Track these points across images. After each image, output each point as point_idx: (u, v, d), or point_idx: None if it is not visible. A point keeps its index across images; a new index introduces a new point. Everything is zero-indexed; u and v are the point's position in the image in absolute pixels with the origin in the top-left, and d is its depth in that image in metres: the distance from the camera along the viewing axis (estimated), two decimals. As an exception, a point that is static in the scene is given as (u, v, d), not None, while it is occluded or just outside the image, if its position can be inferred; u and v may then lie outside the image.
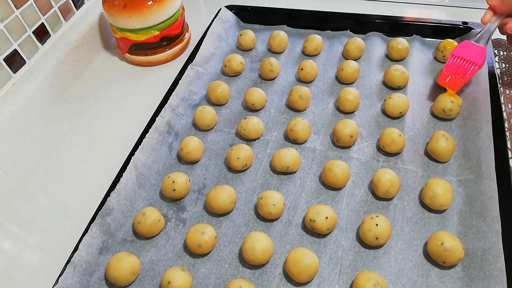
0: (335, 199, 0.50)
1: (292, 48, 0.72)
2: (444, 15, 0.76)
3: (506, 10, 0.54)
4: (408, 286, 0.42)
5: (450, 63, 0.56)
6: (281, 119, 0.60)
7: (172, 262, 0.46)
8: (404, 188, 0.50)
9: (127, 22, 0.67)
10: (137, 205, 0.51)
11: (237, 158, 0.52)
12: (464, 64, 0.55)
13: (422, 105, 0.59)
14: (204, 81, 0.67)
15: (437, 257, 0.42)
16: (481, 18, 0.56)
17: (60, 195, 0.55)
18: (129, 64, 0.75)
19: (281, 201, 0.47)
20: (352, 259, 0.44)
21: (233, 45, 0.74)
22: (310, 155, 0.55)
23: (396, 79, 0.60)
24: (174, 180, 0.50)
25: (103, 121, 0.65)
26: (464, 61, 0.55)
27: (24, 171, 0.59)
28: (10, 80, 0.63)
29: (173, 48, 0.73)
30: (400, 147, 0.52)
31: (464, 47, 0.56)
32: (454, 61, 0.55)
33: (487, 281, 0.40)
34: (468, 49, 0.56)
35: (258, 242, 0.43)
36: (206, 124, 0.59)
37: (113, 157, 0.59)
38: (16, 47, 0.63)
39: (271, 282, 0.43)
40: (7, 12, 0.61)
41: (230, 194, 0.48)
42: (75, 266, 0.44)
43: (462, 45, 0.56)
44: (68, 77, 0.71)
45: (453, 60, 0.56)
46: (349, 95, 0.57)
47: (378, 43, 0.69)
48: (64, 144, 0.62)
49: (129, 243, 0.48)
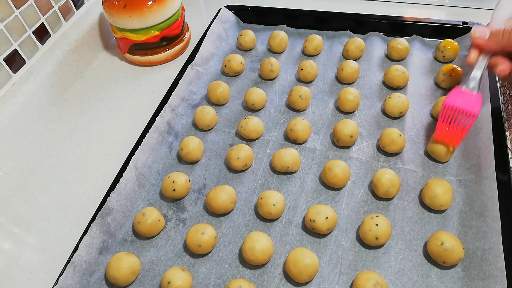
0: (335, 199, 0.50)
1: (292, 48, 0.72)
2: (444, 15, 0.76)
3: (494, 48, 0.48)
4: (408, 286, 0.42)
5: (444, 115, 0.50)
6: (281, 119, 0.60)
7: (172, 262, 0.46)
8: (404, 188, 0.50)
9: (127, 22, 0.67)
10: (137, 205, 0.51)
11: (237, 158, 0.52)
12: (459, 115, 0.49)
13: (422, 105, 0.59)
14: (204, 81, 0.67)
15: (437, 257, 0.42)
16: (467, 59, 0.51)
17: (60, 195, 0.55)
18: (129, 64, 0.75)
19: (281, 201, 0.47)
20: (352, 259, 0.44)
21: (233, 45, 0.74)
22: (310, 155, 0.55)
23: (396, 79, 0.60)
24: (174, 180, 0.50)
25: (103, 121, 0.65)
26: (459, 112, 0.49)
27: (24, 171, 0.59)
28: (10, 80, 0.63)
29: (173, 48, 0.73)
30: (400, 147, 0.52)
31: (456, 95, 0.50)
32: (448, 113, 0.49)
33: (487, 281, 0.40)
34: (461, 97, 0.49)
35: (258, 242, 0.43)
36: (206, 124, 0.59)
37: (113, 157, 0.59)
38: (16, 47, 0.63)
39: (271, 282, 0.43)
40: (7, 12, 0.61)
41: (230, 194, 0.48)
42: (75, 266, 0.44)
43: (453, 93, 0.50)
44: (68, 77, 0.71)
45: (446, 111, 0.49)
46: (349, 95, 0.57)
47: (378, 43, 0.69)
48: (64, 144, 0.62)
49: (129, 243, 0.48)
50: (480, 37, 0.49)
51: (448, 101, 0.50)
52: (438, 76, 0.61)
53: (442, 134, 0.50)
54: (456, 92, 0.50)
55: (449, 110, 0.49)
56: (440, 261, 0.42)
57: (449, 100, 0.50)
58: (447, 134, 0.49)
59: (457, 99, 0.49)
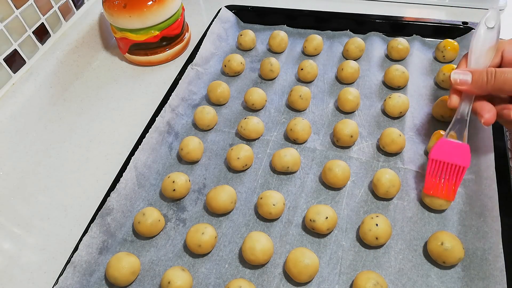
0: (335, 199, 0.50)
1: (292, 48, 0.72)
2: (444, 15, 0.76)
3: (479, 92, 0.45)
4: (408, 286, 0.42)
5: (433, 170, 0.46)
6: (281, 119, 0.60)
7: (172, 262, 0.46)
8: (404, 188, 0.50)
9: (127, 22, 0.67)
10: (137, 205, 0.51)
11: (237, 158, 0.52)
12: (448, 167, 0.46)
13: (422, 105, 0.59)
14: (204, 81, 0.67)
15: (437, 257, 0.42)
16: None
17: (60, 195, 0.55)
18: (129, 64, 0.75)
19: (281, 201, 0.47)
20: (352, 259, 0.44)
21: (233, 45, 0.74)
22: (310, 155, 0.55)
23: (396, 79, 0.60)
24: (174, 180, 0.50)
25: (103, 121, 0.65)
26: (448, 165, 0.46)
27: (24, 171, 0.59)
28: (10, 80, 0.63)
29: (173, 48, 0.73)
30: (400, 147, 0.52)
31: (442, 147, 0.46)
32: (436, 166, 0.46)
33: (487, 281, 0.40)
34: (447, 149, 0.46)
35: (258, 242, 0.43)
36: (206, 124, 0.59)
37: (113, 157, 0.59)
38: (16, 47, 0.63)
39: (271, 282, 0.43)
40: (7, 12, 0.61)
41: (230, 194, 0.48)
42: (75, 266, 0.44)
43: (439, 146, 0.46)
44: (68, 77, 0.71)
45: (434, 166, 0.46)
46: (349, 95, 0.57)
47: (378, 43, 0.69)
48: (64, 144, 0.62)
49: (129, 243, 0.48)
50: (462, 83, 0.45)
51: (435, 155, 0.46)
52: (438, 76, 0.61)
53: (433, 189, 0.46)
54: (442, 144, 0.47)
55: (437, 164, 0.46)
56: (440, 261, 0.42)
57: (435, 153, 0.46)
58: (438, 188, 0.46)
59: (444, 151, 0.46)
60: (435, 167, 0.46)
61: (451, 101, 0.46)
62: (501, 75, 0.42)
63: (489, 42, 0.46)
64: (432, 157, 0.46)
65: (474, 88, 0.44)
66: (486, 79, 0.43)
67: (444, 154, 0.46)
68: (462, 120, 0.46)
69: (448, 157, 0.46)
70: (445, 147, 0.46)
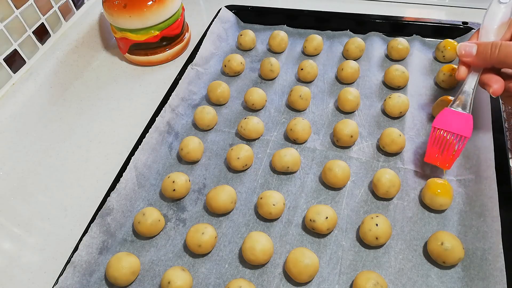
0: (335, 199, 0.50)
1: (292, 48, 0.72)
2: (444, 15, 0.76)
3: (483, 64, 0.45)
4: (408, 286, 0.42)
5: (434, 137, 0.47)
6: (281, 119, 0.60)
7: (172, 262, 0.46)
8: (404, 188, 0.50)
9: (127, 22, 0.67)
10: (137, 205, 0.51)
11: (237, 158, 0.52)
12: (450, 137, 0.47)
13: (422, 105, 0.59)
14: (204, 81, 0.67)
15: (437, 257, 0.42)
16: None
17: (60, 195, 0.55)
18: (129, 64, 0.75)
19: (281, 201, 0.47)
20: (352, 259, 0.44)
21: (233, 45, 0.74)
22: (310, 155, 0.55)
23: (396, 79, 0.60)
24: (174, 180, 0.50)
25: (103, 121, 0.65)
26: (450, 134, 0.47)
27: (24, 171, 0.59)
28: (10, 80, 0.63)
29: (173, 48, 0.73)
30: (400, 147, 0.52)
31: (446, 116, 0.47)
32: (438, 135, 0.47)
33: (487, 281, 0.40)
34: (451, 118, 0.47)
35: (258, 242, 0.43)
36: (206, 124, 0.59)
37: (113, 157, 0.59)
38: (16, 47, 0.63)
39: (271, 282, 0.43)
40: (7, 12, 0.61)
41: (230, 194, 0.48)
42: (75, 266, 0.44)
43: (443, 114, 0.47)
44: (68, 77, 0.71)
45: (436, 133, 0.47)
46: (349, 95, 0.58)
47: (378, 43, 0.69)
48: (64, 144, 0.62)
49: (129, 243, 0.48)
50: (467, 54, 0.46)
51: (438, 123, 0.47)
52: (438, 76, 0.61)
53: (432, 157, 0.47)
54: (446, 113, 0.47)
55: (439, 132, 0.47)
56: (440, 261, 0.42)
57: (438, 121, 0.47)
58: (438, 156, 0.47)
59: (447, 120, 0.47)
60: (437, 136, 0.47)
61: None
62: (505, 48, 0.42)
63: (501, 18, 0.46)
64: (435, 125, 0.47)
65: (478, 60, 0.45)
66: (490, 51, 0.43)
67: (446, 123, 0.47)
68: (469, 92, 0.47)
69: (450, 126, 0.46)
70: (449, 117, 0.47)
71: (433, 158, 0.47)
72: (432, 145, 0.47)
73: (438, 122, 0.47)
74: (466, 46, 0.46)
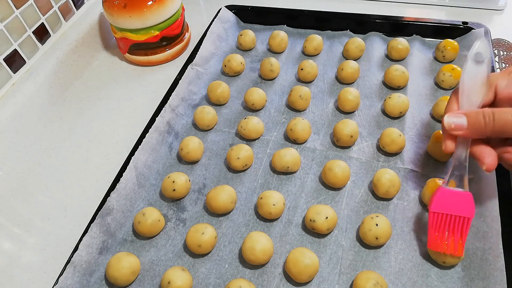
0: (335, 199, 0.50)
1: (292, 48, 0.72)
2: (444, 15, 0.76)
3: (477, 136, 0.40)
4: (408, 286, 0.42)
5: (435, 223, 0.42)
6: (281, 119, 0.60)
7: (172, 262, 0.46)
8: (404, 188, 0.50)
9: (127, 22, 0.67)
10: (137, 205, 0.51)
11: (237, 158, 0.52)
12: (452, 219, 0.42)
13: (422, 105, 0.59)
14: (204, 81, 0.67)
15: (437, 257, 0.42)
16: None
17: (60, 195, 0.55)
18: (129, 64, 0.75)
19: (281, 201, 0.47)
20: (352, 259, 0.44)
21: (233, 45, 0.74)
22: (310, 155, 0.55)
23: (396, 79, 0.60)
24: (174, 180, 0.50)
25: (103, 121, 0.65)
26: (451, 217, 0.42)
27: (24, 171, 0.59)
28: (10, 80, 0.63)
29: (173, 48, 0.73)
30: (400, 147, 0.52)
31: (443, 198, 0.42)
32: (438, 220, 0.42)
33: (487, 281, 0.40)
34: (448, 199, 0.42)
35: (258, 242, 0.43)
36: (206, 124, 0.59)
37: (113, 157, 0.59)
38: (16, 47, 0.63)
39: (271, 282, 0.43)
40: (7, 12, 0.61)
41: (230, 194, 0.48)
42: (75, 266, 0.44)
43: (439, 197, 0.42)
44: (68, 77, 0.71)
45: (436, 219, 0.42)
46: (349, 95, 0.58)
47: (378, 43, 0.69)
48: (64, 144, 0.62)
49: (129, 243, 0.48)
50: (457, 127, 0.40)
51: (435, 207, 0.42)
52: (438, 76, 0.61)
53: (437, 245, 0.42)
54: (442, 194, 0.42)
55: (439, 217, 0.42)
56: (440, 261, 0.42)
57: (436, 205, 0.42)
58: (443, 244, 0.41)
59: (445, 202, 0.42)
60: (437, 221, 0.42)
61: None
62: (500, 116, 0.38)
63: (480, 78, 0.41)
64: (433, 210, 0.42)
65: (471, 133, 0.39)
66: (484, 121, 0.38)
67: (445, 206, 0.42)
68: (461, 166, 0.42)
69: (450, 209, 0.41)
70: (446, 198, 0.42)
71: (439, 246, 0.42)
72: (434, 232, 0.42)
73: (436, 206, 0.42)
74: (454, 118, 0.40)
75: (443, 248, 0.41)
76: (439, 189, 0.43)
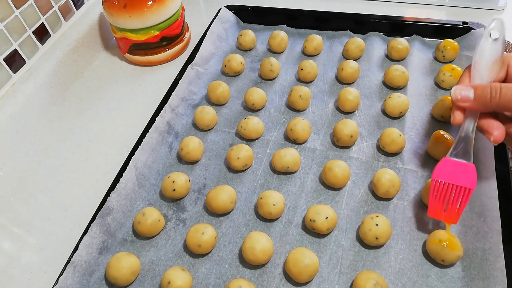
0: (335, 199, 0.50)
1: (292, 48, 0.72)
2: (444, 15, 0.76)
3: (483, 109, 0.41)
4: (408, 286, 0.42)
5: (436, 190, 0.43)
6: (281, 119, 0.60)
7: (172, 262, 0.46)
8: (404, 188, 0.50)
9: (127, 22, 0.67)
10: (137, 205, 0.51)
11: (237, 158, 0.52)
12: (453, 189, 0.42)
13: (422, 105, 0.59)
14: (204, 81, 0.67)
15: (436, 255, 0.42)
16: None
17: (60, 195, 0.55)
18: (129, 64, 0.75)
19: (281, 201, 0.47)
20: (352, 259, 0.44)
21: (233, 45, 0.74)
22: (310, 155, 0.55)
23: (396, 79, 0.60)
24: (174, 180, 0.50)
25: (103, 121, 0.65)
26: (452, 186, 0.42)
27: (24, 171, 0.59)
28: (10, 80, 0.63)
29: (173, 48, 0.73)
30: (400, 147, 0.52)
31: (446, 167, 0.43)
32: (440, 187, 0.43)
33: (487, 281, 0.40)
34: (452, 169, 0.43)
35: (258, 242, 0.43)
36: (206, 124, 0.59)
37: (113, 157, 0.59)
38: (16, 47, 0.63)
39: (271, 282, 0.43)
40: (7, 12, 0.61)
41: (230, 194, 0.48)
42: (75, 266, 0.44)
43: (442, 165, 0.43)
44: (68, 77, 0.71)
45: (437, 186, 0.43)
46: (349, 95, 0.58)
47: (378, 43, 0.69)
48: (64, 144, 0.62)
49: (129, 243, 0.48)
50: (463, 99, 0.41)
51: (438, 174, 0.43)
52: (438, 76, 0.61)
53: (436, 212, 0.43)
54: (445, 163, 0.43)
55: (440, 185, 0.43)
56: (439, 259, 0.42)
57: (438, 174, 0.43)
58: (442, 211, 0.43)
59: (448, 171, 0.43)
60: (438, 189, 0.43)
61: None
62: (506, 91, 0.39)
63: (493, 55, 0.42)
64: (435, 178, 0.43)
65: (477, 105, 0.41)
66: (490, 95, 0.39)
67: (448, 175, 0.42)
68: (467, 138, 0.42)
69: (452, 178, 0.42)
70: (449, 167, 0.43)
71: (437, 213, 0.43)
72: (434, 198, 0.43)
73: (438, 173, 0.43)
74: (462, 90, 0.41)
75: (441, 216, 0.42)
76: (443, 159, 0.43)
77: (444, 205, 0.42)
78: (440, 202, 0.43)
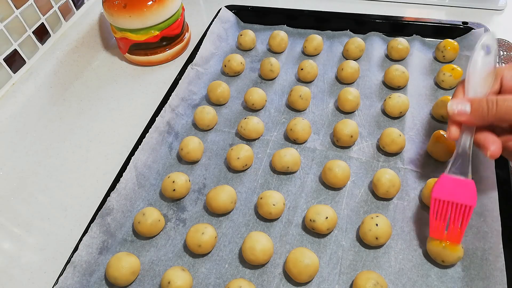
0: (335, 199, 0.50)
1: (292, 48, 0.72)
2: (444, 15, 0.76)
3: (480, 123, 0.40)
4: (408, 286, 0.42)
5: (436, 209, 0.42)
6: (281, 119, 0.60)
7: (172, 262, 0.46)
8: (404, 188, 0.50)
9: (127, 22, 0.67)
10: (137, 205, 0.51)
11: (237, 158, 0.52)
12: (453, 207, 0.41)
13: (422, 105, 0.59)
14: (204, 81, 0.67)
15: (436, 255, 0.42)
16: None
17: (60, 195, 0.55)
18: (129, 64, 0.75)
19: (281, 201, 0.47)
20: (352, 259, 0.44)
21: (233, 45, 0.74)
22: (310, 155, 0.55)
23: (396, 79, 0.60)
24: (174, 180, 0.50)
25: (103, 121, 0.65)
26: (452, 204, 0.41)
27: (24, 171, 0.59)
28: (10, 80, 0.63)
29: (173, 48, 0.73)
30: (400, 147, 0.52)
31: (445, 184, 0.42)
32: (440, 206, 0.42)
33: (487, 281, 0.40)
34: (451, 186, 0.42)
35: (258, 242, 0.43)
36: (206, 124, 0.59)
37: (113, 157, 0.59)
38: (16, 47, 0.63)
39: (271, 282, 0.43)
40: (7, 12, 0.61)
41: (230, 194, 0.48)
42: (75, 266, 0.44)
43: (441, 183, 0.42)
44: (68, 77, 0.71)
45: (437, 206, 0.42)
46: (349, 95, 0.58)
47: (378, 43, 0.69)
48: (64, 144, 0.62)
49: (129, 243, 0.48)
50: (460, 113, 0.41)
51: (437, 193, 0.42)
52: (438, 76, 0.61)
53: (438, 232, 0.42)
54: (444, 180, 0.42)
55: (440, 204, 0.42)
56: (439, 260, 0.42)
57: (438, 192, 0.42)
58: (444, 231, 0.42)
59: (447, 189, 0.42)
60: (438, 208, 0.42)
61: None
62: (503, 103, 0.38)
63: (486, 68, 0.42)
64: (434, 197, 0.42)
65: (474, 119, 0.40)
66: (487, 108, 0.39)
67: (447, 193, 0.42)
68: (464, 154, 0.42)
69: (452, 196, 0.41)
70: (448, 185, 0.42)
71: (439, 234, 0.42)
72: (434, 218, 0.42)
73: (438, 192, 0.42)
74: (458, 104, 0.41)
75: (443, 236, 0.41)
76: (442, 176, 0.43)
77: (446, 224, 0.42)
78: (441, 221, 0.42)
